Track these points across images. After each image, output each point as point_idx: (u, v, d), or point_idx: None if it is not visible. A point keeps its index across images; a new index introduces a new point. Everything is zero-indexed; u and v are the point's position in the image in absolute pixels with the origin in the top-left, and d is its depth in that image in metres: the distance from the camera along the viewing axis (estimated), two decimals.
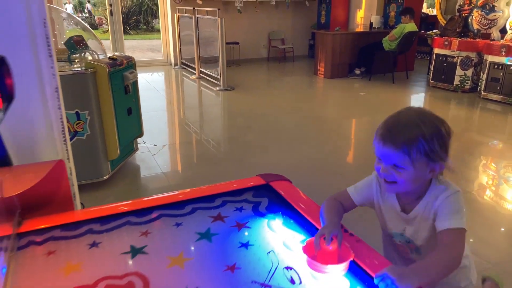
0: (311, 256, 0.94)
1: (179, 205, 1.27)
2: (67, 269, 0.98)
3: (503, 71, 5.32)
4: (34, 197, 1.13)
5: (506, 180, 3.31)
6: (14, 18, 1.32)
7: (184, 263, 1.00)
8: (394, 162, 1.03)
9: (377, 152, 1.06)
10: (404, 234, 1.15)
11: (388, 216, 1.19)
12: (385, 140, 1.02)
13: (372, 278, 0.88)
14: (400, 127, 1.02)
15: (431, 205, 1.08)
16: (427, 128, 1.00)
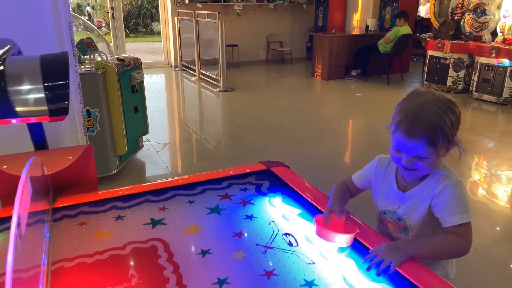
0: (322, 226, 1.07)
1: (191, 186, 1.44)
2: (99, 235, 1.15)
3: (493, 72, 5.51)
4: (65, 177, 1.29)
5: (493, 174, 3.49)
6: (44, 21, 1.49)
7: (198, 231, 1.17)
8: (417, 154, 1.03)
9: (398, 145, 1.05)
10: (397, 212, 1.16)
11: (381, 193, 1.22)
12: (411, 136, 1.01)
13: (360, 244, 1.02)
14: (423, 121, 1.01)
15: (430, 188, 1.10)
16: (446, 115, 1.01)
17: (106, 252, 1.06)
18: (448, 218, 1.06)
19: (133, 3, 18.03)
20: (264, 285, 0.94)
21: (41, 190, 1.11)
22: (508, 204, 2.96)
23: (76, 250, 1.07)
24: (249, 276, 0.97)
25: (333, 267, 0.99)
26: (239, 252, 1.06)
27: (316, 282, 0.94)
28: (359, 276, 0.96)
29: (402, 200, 1.16)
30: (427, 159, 1.04)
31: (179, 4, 8.34)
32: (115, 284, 0.94)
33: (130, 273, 0.98)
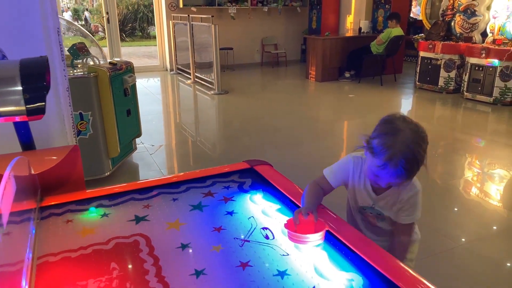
0: (292, 230, 1.11)
1: (175, 185, 1.48)
2: (84, 232, 1.19)
3: (483, 72, 5.58)
4: (52, 177, 1.34)
5: (482, 172, 3.55)
6: (32, 26, 1.54)
7: (180, 226, 1.22)
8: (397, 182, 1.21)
9: (382, 176, 1.18)
10: (375, 207, 1.37)
11: (360, 194, 1.37)
12: (397, 178, 1.16)
13: (346, 247, 1.07)
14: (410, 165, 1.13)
15: (399, 196, 1.31)
16: (424, 150, 1.16)
17: (90, 247, 1.11)
18: (406, 218, 1.33)
19: (129, 8, 18.13)
20: (239, 275, 0.98)
21: (27, 189, 1.16)
22: (493, 201, 3.01)
23: (61, 245, 1.12)
24: (225, 267, 1.01)
25: (306, 258, 1.04)
26: (217, 246, 1.11)
27: (288, 272, 0.99)
28: (329, 266, 1.00)
29: (376, 200, 1.35)
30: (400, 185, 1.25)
31: (173, 8, 8.41)
32: (97, 276, 0.99)
33: (111, 266, 1.03)
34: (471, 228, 2.62)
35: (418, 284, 0.91)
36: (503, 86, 5.45)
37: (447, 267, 2.18)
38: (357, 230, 1.21)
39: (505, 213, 2.81)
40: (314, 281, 0.95)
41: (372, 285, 0.93)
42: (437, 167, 3.71)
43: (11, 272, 0.83)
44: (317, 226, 1.13)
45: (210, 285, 0.95)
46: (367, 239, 1.11)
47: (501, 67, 5.40)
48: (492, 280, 2.10)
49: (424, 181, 3.27)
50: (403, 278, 0.93)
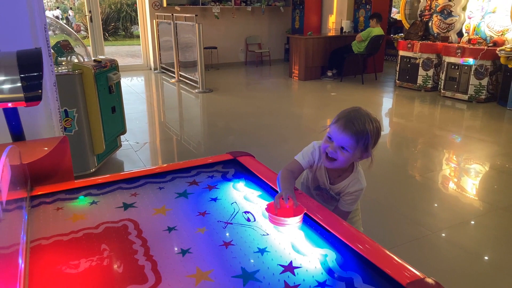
0: (273, 213, 1.19)
1: (161, 175, 1.55)
2: (74, 218, 1.25)
3: (459, 70, 5.79)
4: (42, 167, 1.39)
5: (456, 166, 3.71)
6: (20, 23, 1.59)
7: (166, 212, 1.29)
8: (343, 145, 1.35)
9: (333, 134, 1.37)
10: (329, 192, 1.56)
11: (320, 176, 1.56)
12: (346, 128, 1.33)
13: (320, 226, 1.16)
14: (359, 121, 1.34)
15: (346, 188, 1.50)
16: (373, 127, 1.35)
17: (80, 231, 1.17)
18: (347, 206, 1.52)
19: (112, 7, 17.95)
20: (222, 253, 1.06)
21: (18, 177, 1.21)
22: (466, 193, 3.17)
23: (52, 230, 1.17)
24: (209, 246, 1.09)
25: (284, 237, 1.13)
26: (202, 228, 1.18)
27: (268, 249, 1.07)
28: (306, 244, 1.09)
29: (331, 187, 1.54)
30: (346, 151, 1.36)
31: (157, 7, 8.41)
32: (88, 256, 1.05)
33: (102, 247, 1.09)
34: (444, 217, 2.75)
35: (383, 255, 1.01)
36: (477, 84, 5.67)
37: (420, 253, 2.31)
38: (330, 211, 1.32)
39: (477, 204, 2.96)
40: (292, 257, 1.04)
41: (344, 259, 1.02)
42: (415, 162, 3.86)
43: (9, 253, 0.89)
44: (296, 210, 1.21)
45: (196, 262, 1.02)
46: (340, 219, 1.20)
47: (476, 65, 5.61)
48: (462, 264, 2.23)
49: (403, 175, 3.40)
50: (371, 252, 1.02)
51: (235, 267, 1.00)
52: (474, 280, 2.10)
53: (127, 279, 0.96)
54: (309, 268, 0.99)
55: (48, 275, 0.98)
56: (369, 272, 0.96)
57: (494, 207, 2.86)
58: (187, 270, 0.99)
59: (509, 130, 4.92)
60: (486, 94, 5.71)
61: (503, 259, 2.29)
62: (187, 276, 0.96)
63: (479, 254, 2.34)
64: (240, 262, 1.02)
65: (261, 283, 0.94)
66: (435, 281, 0.90)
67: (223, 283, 0.94)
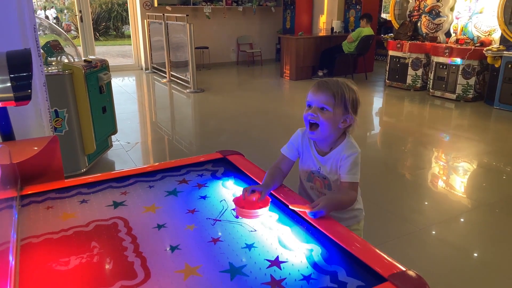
0: (240, 206, 1.23)
1: (151, 173, 1.57)
2: (64, 216, 1.26)
3: (447, 70, 5.88)
4: (32, 166, 1.40)
5: (445, 164, 3.77)
6: (10, 23, 1.59)
7: (156, 210, 1.30)
8: (322, 104, 1.35)
9: (309, 98, 1.39)
10: (320, 172, 1.46)
11: (307, 160, 1.50)
12: (320, 87, 1.36)
13: (307, 222, 1.18)
14: (332, 81, 1.38)
15: (340, 155, 1.41)
16: (348, 89, 1.37)
17: (70, 229, 1.18)
18: (347, 176, 1.39)
19: (103, 6, 17.83)
20: (211, 249, 1.08)
21: (8, 177, 1.22)
22: (454, 190, 3.23)
23: (43, 228, 1.19)
24: (198, 243, 1.11)
25: (271, 232, 1.15)
26: (191, 225, 1.20)
27: (255, 245, 1.10)
28: (292, 239, 1.12)
29: (322, 162, 1.46)
30: (326, 111, 1.35)
31: (148, 7, 8.40)
32: (78, 253, 1.06)
33: (92, 244, 1.11)
34: (432, 214, 2.81)
35: (366, 249, 1.04)
36: (465, 83, 5.76)
37: (409, 249, 2.35)
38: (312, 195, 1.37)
39: (465, 201, 3.02)
40: (278, 251, 1.06)
41: (328, 253, 1.05)
42: (405, 160, 3.92)
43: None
44: (262, 202, 1.25)
45: (184, 257, 1.05)
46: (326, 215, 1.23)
47: (463, 65, 5.70)
48: (449, 260, 2.28)
49: (392, 173, 3.45)
50: (354, 246, 1.06)
51: (223, 262, 1.02)
52: (461, 274, 2.15)
53: (116, 275, 0.97)
54: (295, 262, 1.02)
55: (38, 272, 0.99)
56: (352, 266, 0.99)
57: (481, 204, 2.92)
58: (175, 265, 1.01)
59: (495, 129, 5.01)
60: (473, 94, 5.80)
61: (489, 254, 2.35)
62: (176, 272, 0.98)
63: (466, 249, 2.39)
64: (228, 258, 1.04)
65: (248, 277, 0.96)
66: (416, 273, 0.93)
67: (211, 278, 0.96)
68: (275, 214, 1.26)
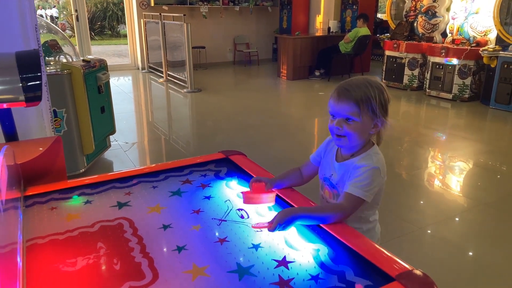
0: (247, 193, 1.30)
1: (155, 174, 1.57)
2: (69, 217, 1.26)
3: (443, 70, 5.92)
4: (35, 167, 1.40)
5: (442, 163, 3.80)
6: (11, 23, 1.58)
7: (161, 210, 1.30)
8: (347, 115, 1.20)
9: (332, 109, 1.24)
10: (331, 180, 1.34)
11: (324, 164, 1.40)
12: (341, 96, 1.20)
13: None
14: (353, 86, 1.21)
15: (356, 164, 1.25)
16: (373, 89, 1.20)
17: (76, 230, 1.18)
18: (351, 187, 1.21)
19: (98, 6, 17.74)
20: (217, 249, 1.09)
21: (12, 178, 1.21)
22: (451, 189, 3.25)
23: (48, 229, 1.18)
24: (204, 243, 1.11)
25: (277, 233, 1.16)
26: (196, 225, 1.20)
27: (262, 245, 1.10)
28: (298, 239, 1.12)
29: (336, 169, 1.33)
30: (352, 121, 1.21)
31: (145, 6, 8.37)
32: (85, 254, 1.06)
33: (98, 245, 1.11)
34: (430, 213, 2.83)
35: (373, 248, 1.05)
36: (461, 83, 5.80)
37: (408, 248, 2.37)
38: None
39: (462, 200, 3.04)
40: (285, 251, 1.07)
41: (335, 253, 1.06)
42: (402, 160, 3.94)
43: (8, 252, 0.90)
44: (267, 192, 1.31)
45: (191, 258, 1.05)
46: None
47: (459, 65, 5.74)
48: (447, 258, 2.30)
49: (390, 172, 3.48)
50: (361, 246, 1.06)
51: (230, 262, 1.02)
52: (459, 273, 2.17)
53: (125, 276, 0.97)
54: (302, 262, 1.02)
55: (45, 273, 0.99)
56: (359, 265, 1.00)
57: (478, 203, 2.95)
58: (183, 266, 1.01)
59: (491, 128, 5.05)
60: (469, 93, 5.84)
61: (487, 252, 2.37)
62: (184, 272, 0.99)
63: (464, 248, 2.41)
64: (235, 258, 1.04)
65: (256, 278, 0.96)
66: (422, 272, 0.94)
67: (219, 278, 0.96)
68: None
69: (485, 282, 2.12)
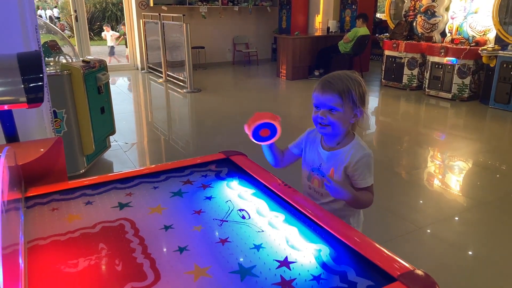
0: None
1: (155, 174, 1.57)
2: (70, 218, 1.26)
3: (443, 70, 5.92)
4: (36, 168, 1.40)
5: (441, 163, 3.80)
6: (11, 24, 1.58)
7: (162, 210, 1.30)
8: (330, 106, 1.32)
9: (316, 101, 1.35)
10: (321, 169, 1.45)
11: (310, 155, 1.51)
12: (325, 88, 1.33)
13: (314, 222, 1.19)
14: (336, 79, 1.33)
15: (348, 154, 1.39)
16: (353, 82, 1.32)
17: (77, 231, 1.18)
18: (363, 181, 1.40)
19: (97, 6, 17.73)
20: (219, 250, 1.09)
21: (14, 179, 1.21)
22: (450, 189, 3.26)
23: (49, 230, 1.18)
24: (206, 244, 1.11)
25: (279, 233, 1.16)
26: (198, 226, 1.20)
27: (263, 245, 1.10)
28: (300, 239, 1.12)
29: (325, 158, 1.45)
30: (336, 111, 1.33)
31: (144, 7, 8.36)
32: (87, 255, 1.06)
33: (100, 246, 1.11)
34: (430, 212, 2.83)
35: (374, 248, 1.05)
36: (460, 83, 5.80)
37: (408, 247, 2.37)
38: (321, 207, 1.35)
39: (461, 199, 3.04)
40: (287, 252, 1.07)
41: (337, 253, 1.06)
42: (401, 159, 3.94)
43: (10, 253, 0.90)
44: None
45: (193, 258, 1.05)
46: (332, 215, 1.23)
47: (459, 65, 5.75)
48: (447, 257, 2.30)
49: (389, 172, 3.47)
50: (362, 246, 1.06)
51: (232, 263, 1.02)
52: (459, 272, 2.18)
53: (126, 277, 0.97)
54: (304, 262, 1.02)
55: (47, 275, 0.99)
56: (361, 265, 1.00)
57: (478, 202, 2.95)
58: (185, 266, 1.01)
59: (491, 128, 5.06)
60: (469, 93, 5.85)
61: (487, 251, 2.37)
62: (186, 273, 0.99)
63: (464, 247, 2.42)
64: (237, 258, 1.04)
65: (258, 278, 0.96)
66: (424, 272, 0.94)
67: (221, 279, 0.96)
68: (282, 214, 1.26)
69: (485, 280, 2.12)
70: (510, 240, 2.48)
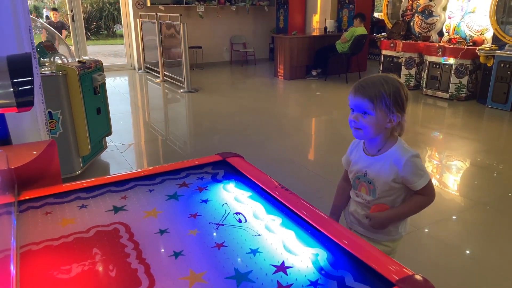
0: None
1: (151, 177, 1.55)
2: (64, 222, 1.24)
3: (440, 69, 5.92)
4: (29, 171, 1.38)
5: (439, 163, 3.79)
6: (4, 25, 1.56)
7: (157, 214, 1.29)
8: (363, 109, 1.30)
9: (350, 103, 1.35)
10: (367, 176, 1.43)
11: (355, 164, 1.47)
12: (357, 92, 1.31)
13: (312, 226, 1.18)
14: (369, 83, 1.31)
15: (392, 158, 1.36)
16: (388, 86, 1.28)
17: (71, 236, 1.16)
18: (416, 184, 1.37)
19: (94, 6, 17.66)
20: (215, 254, 1.07)
21: (6, 182, 1.19)
22: (449, 189, 3.25)
23: (42, 235, 1.16)
24: (202, 248, 1.10)
25: (276, 237, 1.14)
26: (193, 230, 1.19)
27: (260, 250, 1.08)
28: (297, 244, 1.11)
29: (368, 164, 1.42)
30: (367, 115, 1.31)
31: (141, 6, 8.33)
32: (80, 260, 1.04)
33: (94, 251, 1.09)
34: (427, 213, 2.82)
35: (372, 253, 1.04)
36: (458, 82, 5.80)
37: (405, 249, 2.35)
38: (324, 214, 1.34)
39: (459, 199, 3.04)
40: (284, 256, 1.05)
41: (334, 257, 1.05)
42: None
43: (0, 259, 0.88)
44: None
45: (189, 264, 1.03)
46: (329, 218, 1.22)
47: (456, 64, 5.75)
48: (445, 259, 2.29)
49: None
50: (360, 250, 1.05)
51: (228, 268, 1.01)
52: (457, 273, 2.17)
53: (120, 283, 0.96)
54: (301, 267, 1.01)
55: (39, 281, 0.97)
56: (359, 270, 0.98)
57: (475, 203, 2.94)
58: (180, 272, 0.99)
59: (488, 128, 5.06)
60: (466, 93, 5.85)
61: (484, 252, 2.36)
62: (181, 279, 0.97)
63: (462, 248, 2.41)
64: (233, 263, 1.03)
65: (255, 284, 0.95)
66: (423, 277, 0.93)
67: (217, 284, 0.95)
68: (278, 217, 1.25)
69: (482, 281, 2.11)
70: (509, 240, 2.48)
